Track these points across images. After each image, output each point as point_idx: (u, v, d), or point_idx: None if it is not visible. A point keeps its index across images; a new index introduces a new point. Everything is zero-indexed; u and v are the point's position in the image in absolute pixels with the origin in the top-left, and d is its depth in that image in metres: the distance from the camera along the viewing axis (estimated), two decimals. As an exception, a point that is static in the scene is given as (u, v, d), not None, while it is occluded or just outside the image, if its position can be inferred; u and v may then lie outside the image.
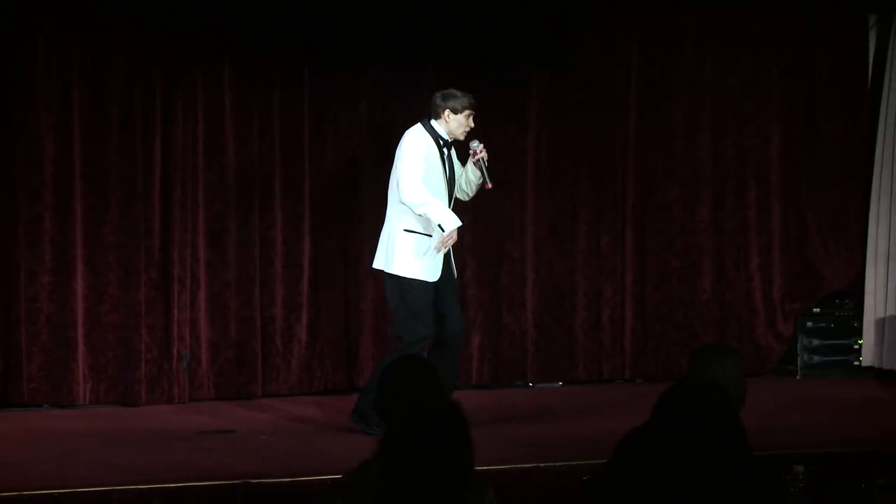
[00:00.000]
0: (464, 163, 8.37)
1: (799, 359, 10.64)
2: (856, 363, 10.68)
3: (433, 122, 8.24)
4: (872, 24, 10.81)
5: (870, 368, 10.65)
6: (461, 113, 8.19)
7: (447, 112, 8.20)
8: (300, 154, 9.78)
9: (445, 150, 8.26)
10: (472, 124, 8.25)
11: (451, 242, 8.06)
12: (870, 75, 10.83)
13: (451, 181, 8.28)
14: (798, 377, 10.61)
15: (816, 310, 10.74)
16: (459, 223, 8.04)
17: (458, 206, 8.38)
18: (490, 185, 8.30)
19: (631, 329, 10.44)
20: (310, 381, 9.83)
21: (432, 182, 8.14)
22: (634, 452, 4.02)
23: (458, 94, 8.23)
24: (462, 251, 10.03)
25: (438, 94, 8.26)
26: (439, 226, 7.99)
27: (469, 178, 8.36)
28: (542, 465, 7.35)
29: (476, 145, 8.25)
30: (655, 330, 10.49)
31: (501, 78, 10.01)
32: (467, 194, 8.47)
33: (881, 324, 10.59)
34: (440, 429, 3.55)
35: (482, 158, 8.25)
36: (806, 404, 9.46)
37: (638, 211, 10.45)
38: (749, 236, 10.66)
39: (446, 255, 8.19)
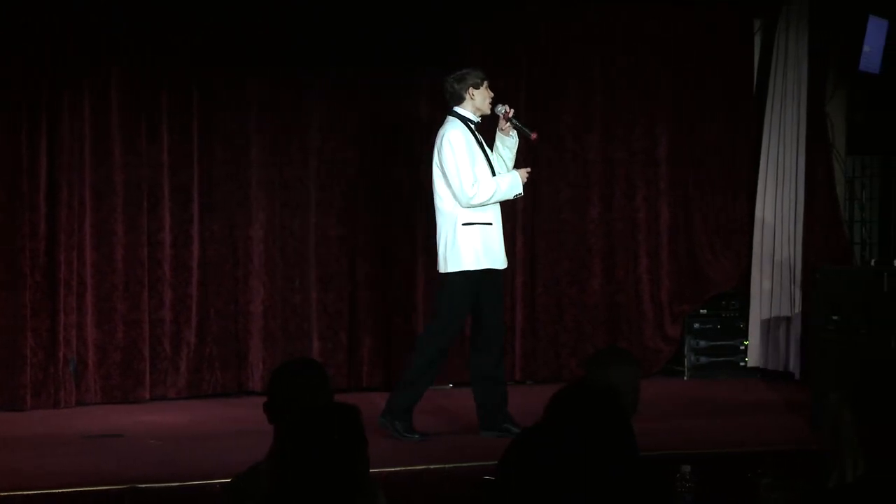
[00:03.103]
0: (490, 144, 8.29)
1: (686, 360, 10.75)
2: (742, 364, 10.81)
3: (459, 109, 8.14)
4: (757, 28, 10.95)
5: (755, 369, 10.79)
6: (482, 85, 8.13)
7: (470, 90, 8.11)
8: (189, 156, 9.69)
9: (478, 134, 8.18)
10: (492, 93, 8.19)
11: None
12: (755, 79, 10.96)
13: (490, 163, 8.19)
14: (685, 378, 10.71)
15: (703, 311, 10.86)
16: (521, 176, 8.06)
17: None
18: (535, 136, 8.22)
19: (521, 331, 10.47)
20: (199, 384, 9.75)
21: (480, 170, 8.06)
22: (525, 453, 4.03)
23: (468, 70, 8.17)
24: (353, 253, 10.04)
25: (452, 79, 8.16)
26: (517, 193, 8.07)
27: (501, 154, 8.25)
28: (432, 467, 7.34)
29: (501, 109, 8.17)
30: (546, 332, 10.53)
31: (390, 79, 10.01)
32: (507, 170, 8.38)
33: (766, 325, 10.72)
34: (334, 431, 3.54)
35: (512, 117, 8.19)
36: (693, 405, 9.54)
37: (528, 213, 10.49)
38: (637, 238, 10.74)
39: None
